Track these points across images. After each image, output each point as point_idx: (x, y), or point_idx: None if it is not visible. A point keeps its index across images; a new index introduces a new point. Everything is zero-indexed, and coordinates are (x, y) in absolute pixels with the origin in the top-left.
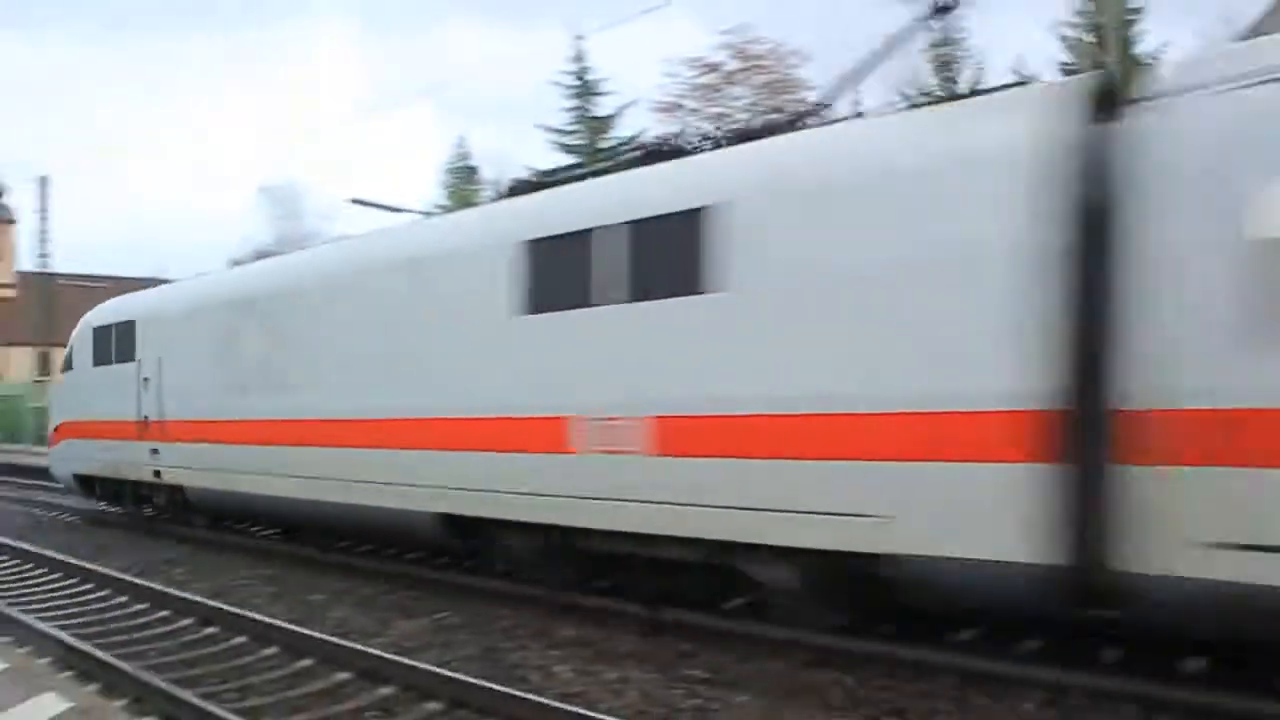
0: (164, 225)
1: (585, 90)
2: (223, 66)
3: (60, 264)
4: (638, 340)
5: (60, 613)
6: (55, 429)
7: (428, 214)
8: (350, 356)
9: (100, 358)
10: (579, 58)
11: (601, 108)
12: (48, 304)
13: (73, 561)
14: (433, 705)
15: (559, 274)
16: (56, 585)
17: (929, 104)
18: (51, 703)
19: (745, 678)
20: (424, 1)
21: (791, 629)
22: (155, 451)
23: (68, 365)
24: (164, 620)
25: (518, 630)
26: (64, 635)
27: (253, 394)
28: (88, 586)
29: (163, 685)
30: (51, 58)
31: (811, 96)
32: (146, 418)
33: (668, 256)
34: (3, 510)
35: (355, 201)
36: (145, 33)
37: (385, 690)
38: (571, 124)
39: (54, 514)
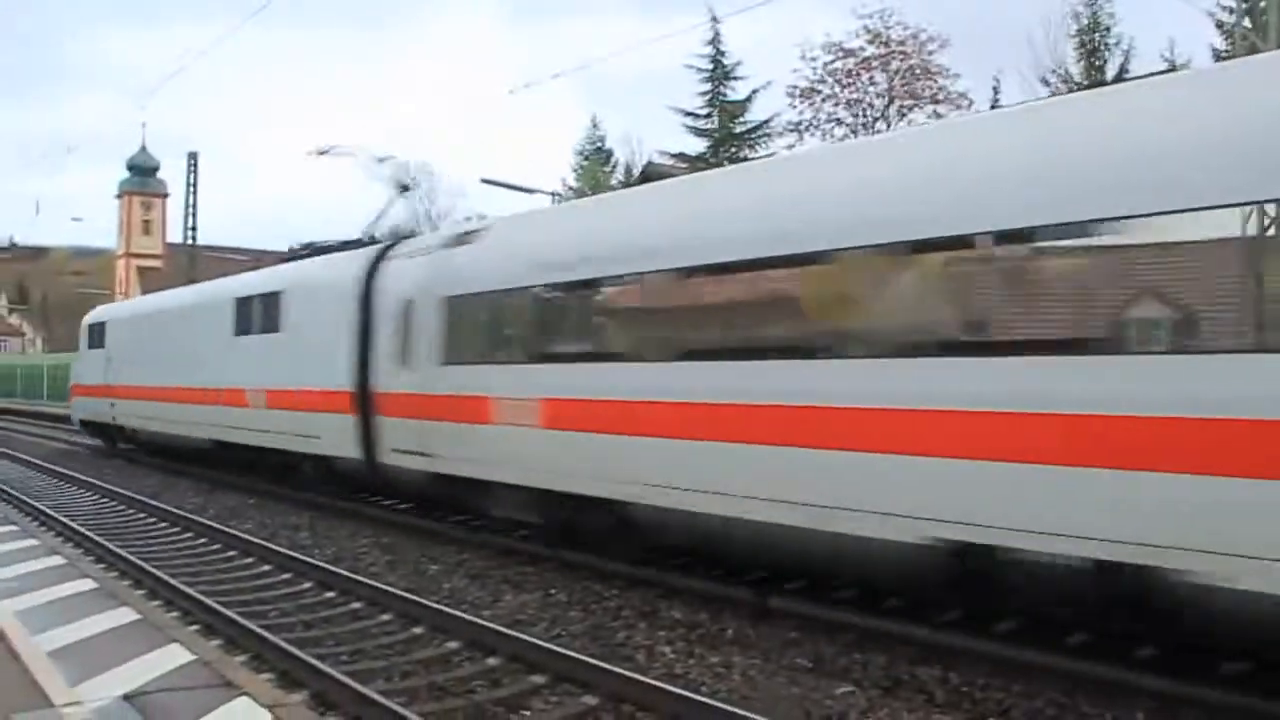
0: (303, 202)
1: (719, 74)
2: (368, 49)
3: (206, 236)
4: (261, 352)
5: (188, 570)
6: (72, 388)
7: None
8: (179, 351)
9: (91, 344)
10: (713, 40)
11: (736, 91)
12: (190, 275)
13: (203, 521)
14: (538, 678)
15: (244, 316)
16: (186, 543)
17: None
18: (177, 653)
19: (849, 669)
20: None
21: (898, 621)
22: (113, 404)
23: (75, 349)
24: (286, 582)
25: (625, 610)
26: (192, 591)
27: (148, 370)
28: (216, 546)
29: (281, 643)
30: (206, 39)
31: (949, 84)
32: (109, 383)
33: (270, 312)
34: (131, 471)
35: (486, 181)
36: (295, 17)
37: (492, 661)
38: (704, 107)
39: (177, 477)
